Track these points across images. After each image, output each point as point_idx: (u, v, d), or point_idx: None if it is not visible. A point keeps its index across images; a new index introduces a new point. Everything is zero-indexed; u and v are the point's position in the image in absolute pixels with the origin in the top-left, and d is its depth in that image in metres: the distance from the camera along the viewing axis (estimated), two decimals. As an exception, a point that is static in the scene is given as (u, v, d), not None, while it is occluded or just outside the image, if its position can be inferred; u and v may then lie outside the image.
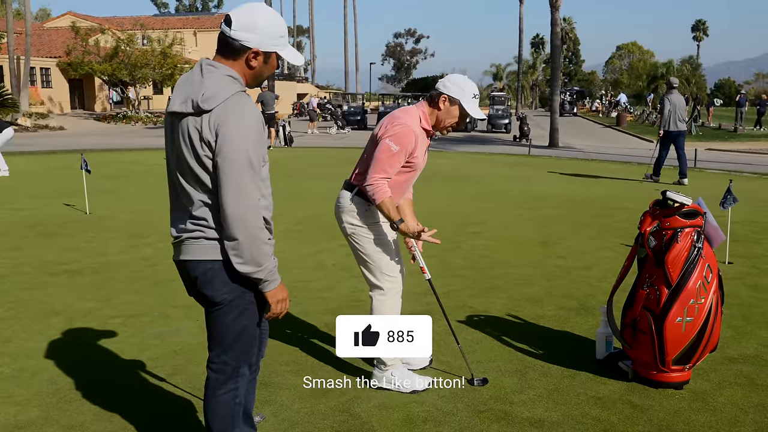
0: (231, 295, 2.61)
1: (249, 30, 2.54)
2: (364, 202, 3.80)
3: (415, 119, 3.78)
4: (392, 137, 3.68)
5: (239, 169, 2.47)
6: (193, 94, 2.51)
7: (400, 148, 3.67)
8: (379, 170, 3.66)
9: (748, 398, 3.87)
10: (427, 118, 3.82)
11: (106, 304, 5.52)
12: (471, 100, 3.79)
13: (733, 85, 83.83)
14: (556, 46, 26.93)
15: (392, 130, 3.70)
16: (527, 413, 3.67)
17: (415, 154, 3.76)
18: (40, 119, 32.58)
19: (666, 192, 3.95)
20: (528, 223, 9.41)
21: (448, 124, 3.85)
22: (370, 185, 3.65)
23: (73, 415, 3.60)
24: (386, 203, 3.66)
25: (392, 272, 3.90)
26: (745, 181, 14.77)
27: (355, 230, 3.85)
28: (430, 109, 3.83)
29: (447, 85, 3.80)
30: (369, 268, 3.90)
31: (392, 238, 3.96)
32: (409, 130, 3.69)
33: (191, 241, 2.61)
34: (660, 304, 3.88)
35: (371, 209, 3.81)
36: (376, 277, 3.89)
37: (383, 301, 3.88)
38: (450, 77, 3.85)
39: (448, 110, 3.80)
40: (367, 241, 3.85)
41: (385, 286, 3.88)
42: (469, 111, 3.79)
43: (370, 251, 3.85)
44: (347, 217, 3.85)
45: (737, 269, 6.73)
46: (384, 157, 3.67)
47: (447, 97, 3.78)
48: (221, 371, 2.71)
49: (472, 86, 3.81)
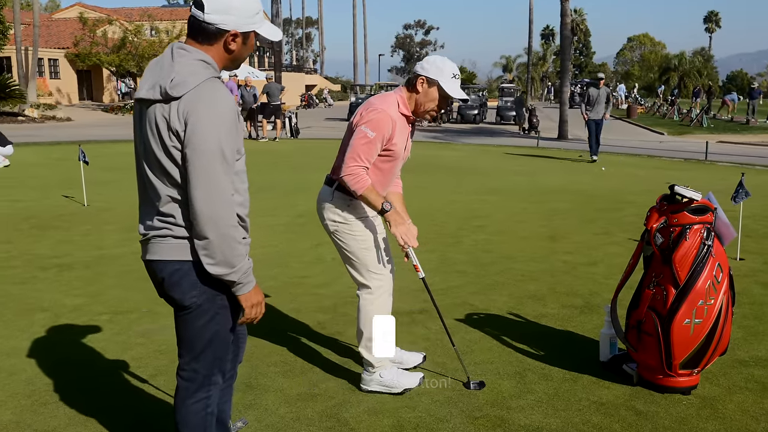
0: (201, 299, 2.41)
1: (224, 12, 2.35)
2: (345, 197, 3.60)
3: (392, 105, 3.57)
4: (368, 123, 3.47)
5: (210, 161, 2.27)
6: (161, 80, 2.31)
7: (376, 135, 3.46)
8: (356, 157, 3.45)
9: (759, 405, 3.65)
10: (406, 103, 3.61)
11: (95, 299, 5.36)
12: (450, 80, 3.57)
13: (746, 77, 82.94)
14: (566, 37, 26.57)
15: (368, 116, 3.50)
16: (525, 420, 3.48)
17: (393, 141, 3.54)
18: (47, 110, 32.50)
19: (674, 186, 3.74)
20: (533, 216, 9.18)
21: (429, 107, 3.62)
22: (348, 175, 3.44)
23: (46, 419, 3.43)
24: (368, 191, 3.44)
25: (379, 270, 3.69)
26: (757, 174, 14.49)
27: (337, 227, 3.65)
28: (409, 93, 3.62)
29: (424, 66, 3.59)
30: (354, 266, 3.70)
31: (380, 234, 3.75)
32: (385, 115, 3.48)
33: (158, 240, 2.41)
34: (667, 305, 3.67)
35: (354, 204, 3.60)
36: (362, 276, 3.69)
37: (371, 300, 3.69)
38: (428, 58, 3.64)
39: (427, 92, 3.58)
40: (350, 238, 3.64)
41: (373, 285, 3.68)
42: (448, 91, 3.56)
43: (355, 249, 3.65)
44: (329, 213, 3.65)
45: (749, 266, 6.50)
46: (359, 144, 3.46)
47: (425, 79, 3.57)
48: (192, 379, 2.51)
49: (451, 66, 3.59)
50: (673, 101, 39.45)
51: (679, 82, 64.60)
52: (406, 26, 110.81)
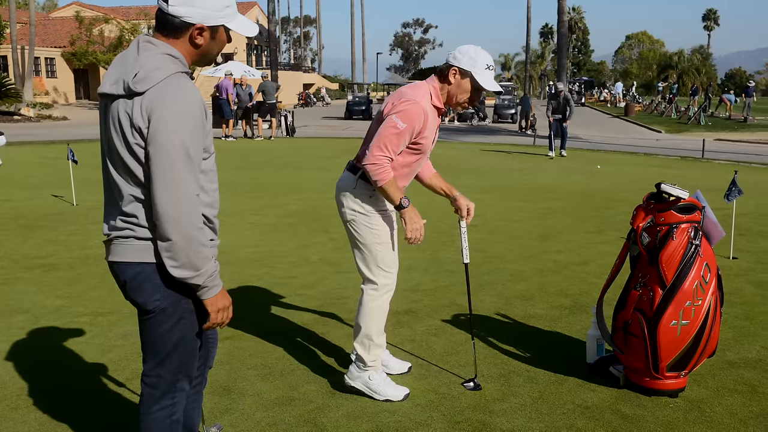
0: (165, 302, 2.32)
1: (189, 4, 2.25)
2: (369, 187, 3.46)
3: (425, 95, 3.45)
4: (399, 114, 3.34)
5: (173, 159, 2.17)
6: (125, 74, 2.22)
7: (406, 126, 3.33)
8: (382, 147, 3.32)
9: (748, 407, 3.57)
10: (438, 94, 3.49)
11: (76, 301, 5.27)
12: (483, 71, 3.45)
13: (744, 75, 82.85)
14: (563, 34, 26.52)
15: (399, 106, 3.37)
16: (507, 424, 3.39)
17: (424, 134, 3.42)
18: (43, 109, 32.40)
19: (661, 184, 3.65)
20: (527, 215, 9.10)
21: (461, 99, 3.51)
22: (372, 164, 3.31)
23: (16, 424, 3.35)
24: (388, 185, 3.33)
25: (389, 268, 3.58)
26: (753, 171, 14.42)
27: (355, 217, 3.52)
28: (441, 84, 3.51)
29: (457, 56, 3.47)
30: (365, 259, 3.56)
31: (396, 230, 3.64)
32: (418, 107, 3.36)
33: (120, 241, 2.32)
34: (653, 306, 3.59)
35: (376, 195, 3.48)
36: (371, 270, 3.57)
37: (375, 297, 3.57)
38: (460, 48, 3.51)
39: (459, 84, 3.47)
40: (367, 230, 3.51)
41: (379, 282, 3.56)
42: (481, 83, 3.44)
43: (369, 241, 3.52)
44: (348, 201, 3.52)
45: (741, 264, 6.42)
46: (388, 134, 3.33)
47: (458, 69, 3.45)
48: (155, 386, 2.42)
49: (485, 56, 3.46)
50: (671, 99, 39.37)
51: (678, 80, 64.55)
52: (405, 24, 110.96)
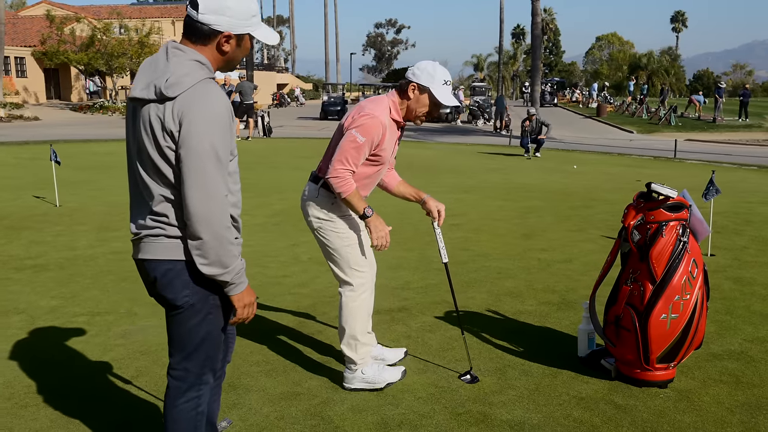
0: (193, 299, 2.42)
1: (218, 12, 2.34)
2: (330, 195, 3.62)
3: (384, 110, 3.59)
4: (359, 128, 3.49)
5: (204, 162, 2.27)
6: (156, 80, 2.31)
7: (366, 139, 3.48)
8: (343, 161, 3.47)
9: (733, 397, 3.74)
10: (398, 108, 3.64)
11: (71, 301, 5.31)
12: (441, 87, 3.59)
13: (712, 76, 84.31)
14: (537, 36, 26.86)
15: (359, 120, 3.51)
16: (507, 415, 3.52)
17: (382, 146, 3.57)
18: (14, 109, 31.95)
19: (651, 184, 3.81)
20: (509, 214, 9.27)
21: (420, 113, 3.66)
22: (335, 177, 3.47)
23: (27, 421, 3.40)
24: (351, 196, 3.49)
25: (362, 267, 3.72)
26: (725, 171, 14.76)
27: (321, 224, 3.67)
28: (401, 99, 3.65)
29: (416, 72, 3.60)
30: (337, 263, 3.72)
31: (363, 231, 3.78)
32: (376, 121, 3.50)
33: (151, 239, 2.41)
34: (644, 301, 3.74)
35: (338, 202, 3.63)
36: (345, 273, 3.72)
37: (353, 298, 3.71)
38: (419, 64, 3.65)
39: (418, 99, 3.61)
40: (334, 235, 3.67)
41: (355, 282, 3.71)
42: (439, 99, 3.59)
43: (338, 246, 3.68)
44: (313, 210, 3.68)
45: (719, 261, 6.64)
46: (348, 148, 3.48)
47: (416, 85, 3.59)
48: (182, 379, 2.52)
49: (443, 72, 3.61)
50: (642, 100, 39.97)
51: (648, 80, 65.47)
52: (378, 25, 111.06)
